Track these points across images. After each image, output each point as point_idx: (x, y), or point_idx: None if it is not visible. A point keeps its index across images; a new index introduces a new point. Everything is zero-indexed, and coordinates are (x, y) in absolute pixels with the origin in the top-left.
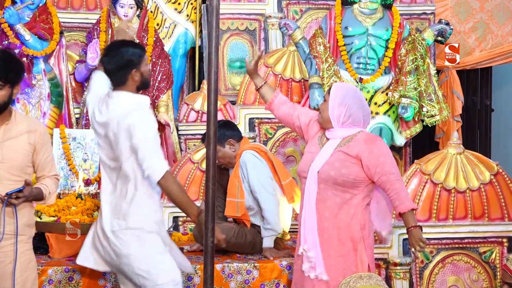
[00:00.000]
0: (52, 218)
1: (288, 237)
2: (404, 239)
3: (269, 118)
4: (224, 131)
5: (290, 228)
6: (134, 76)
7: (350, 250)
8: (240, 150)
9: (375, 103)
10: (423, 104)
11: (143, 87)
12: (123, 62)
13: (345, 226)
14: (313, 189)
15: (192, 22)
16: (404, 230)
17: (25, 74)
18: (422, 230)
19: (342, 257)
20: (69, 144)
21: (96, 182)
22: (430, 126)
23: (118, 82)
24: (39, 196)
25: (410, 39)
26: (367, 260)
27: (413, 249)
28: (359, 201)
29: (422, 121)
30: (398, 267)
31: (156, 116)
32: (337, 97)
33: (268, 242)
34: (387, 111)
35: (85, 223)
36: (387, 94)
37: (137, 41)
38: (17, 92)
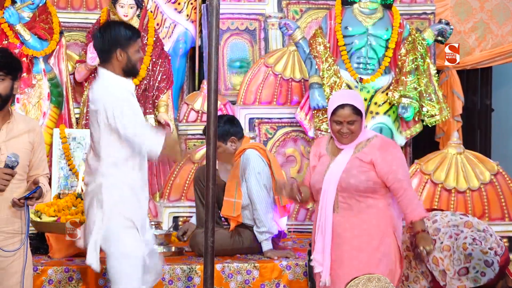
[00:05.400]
0: (52, 218)
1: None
2: None
3: (269, 118)
4: (228, 127)
5: (292, 228)
6: (119, 56)
7: (380, 258)
8: (241, 148)
9: (375, 103)
10: (423, 104)
11: (129, 72)
12: (109, 39)
13: (374, 232)
14: (330, 198)
15: (192, 22)
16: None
17: (23, 73)
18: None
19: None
20: (69, 144)
21: None
22: (430, 126)
23: (103, 59)
24: (40, 195)
25: (410, 39)
26: (399, 268)
27: (421, 248)
28: (384, 205)
29: (422, 121)
30: None
31: (156, 116)
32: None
33: (266, 245)
34: (387, 111)
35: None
36: (387, 94)
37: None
38: (17, 87)
